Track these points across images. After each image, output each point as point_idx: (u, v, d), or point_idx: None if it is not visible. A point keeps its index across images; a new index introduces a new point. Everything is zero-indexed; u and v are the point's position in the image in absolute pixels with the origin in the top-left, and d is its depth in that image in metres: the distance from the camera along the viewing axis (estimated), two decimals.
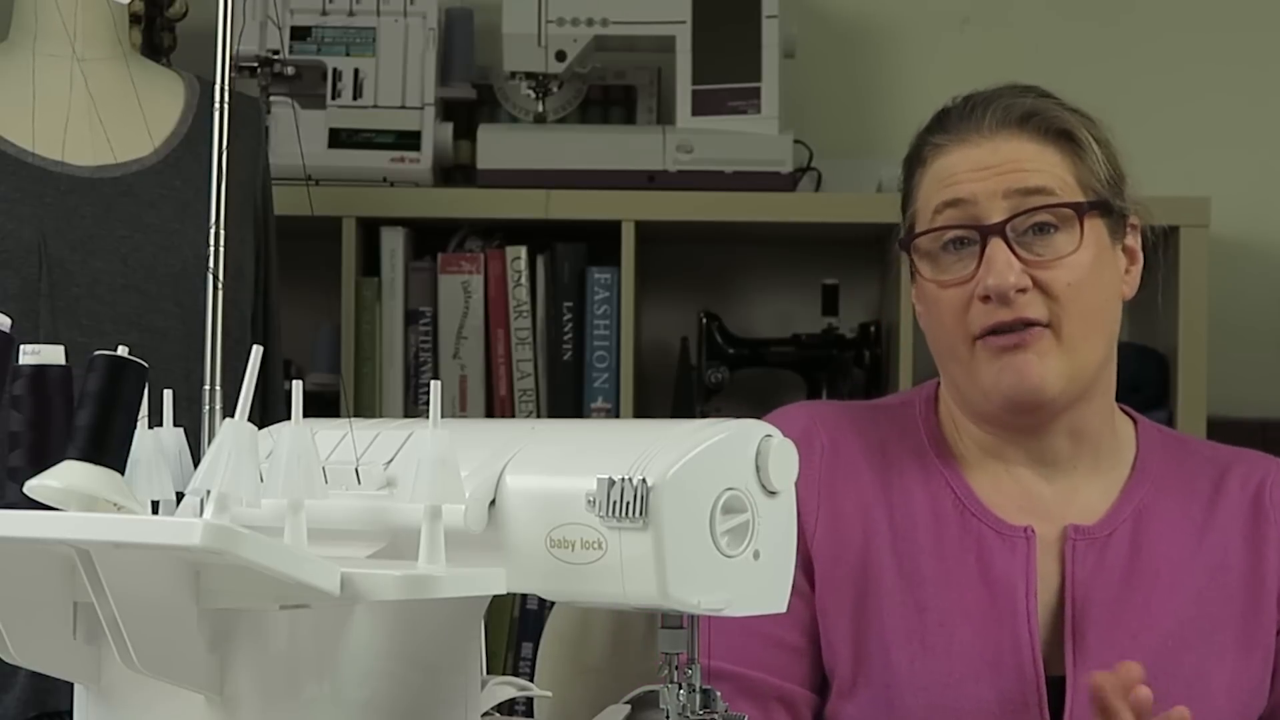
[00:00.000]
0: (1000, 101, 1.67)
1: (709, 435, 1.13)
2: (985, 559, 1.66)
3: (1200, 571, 1.66)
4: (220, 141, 1.17)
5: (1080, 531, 1.67)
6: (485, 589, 1.14)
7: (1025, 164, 1.63)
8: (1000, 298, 1.60)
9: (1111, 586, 1.65)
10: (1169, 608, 1.65)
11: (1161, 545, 1.67)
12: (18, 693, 2.08)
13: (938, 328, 1.66)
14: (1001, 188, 1.62)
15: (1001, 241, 1.60)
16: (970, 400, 1.67)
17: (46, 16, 2.20)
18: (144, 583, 1.10)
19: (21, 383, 1.17)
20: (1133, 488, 1.70)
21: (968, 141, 1.65)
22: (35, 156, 2.18)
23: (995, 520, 1.67)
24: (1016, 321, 1.60)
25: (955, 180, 1.64)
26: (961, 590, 1.65)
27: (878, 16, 3.12)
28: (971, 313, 1.62)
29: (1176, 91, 3.08)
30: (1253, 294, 3.07)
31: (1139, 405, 2.76)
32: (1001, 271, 1.59)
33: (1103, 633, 1.63)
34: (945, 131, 1.67)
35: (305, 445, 1.09)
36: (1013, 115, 1.66)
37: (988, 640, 1.63)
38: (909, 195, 1.70)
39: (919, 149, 1.69)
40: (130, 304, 2.17)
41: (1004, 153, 1.64)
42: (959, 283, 1.62)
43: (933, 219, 1.64)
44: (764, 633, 1.66)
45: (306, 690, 1.14)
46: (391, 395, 2.83)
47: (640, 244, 2.80)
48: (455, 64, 2.96)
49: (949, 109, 1.71)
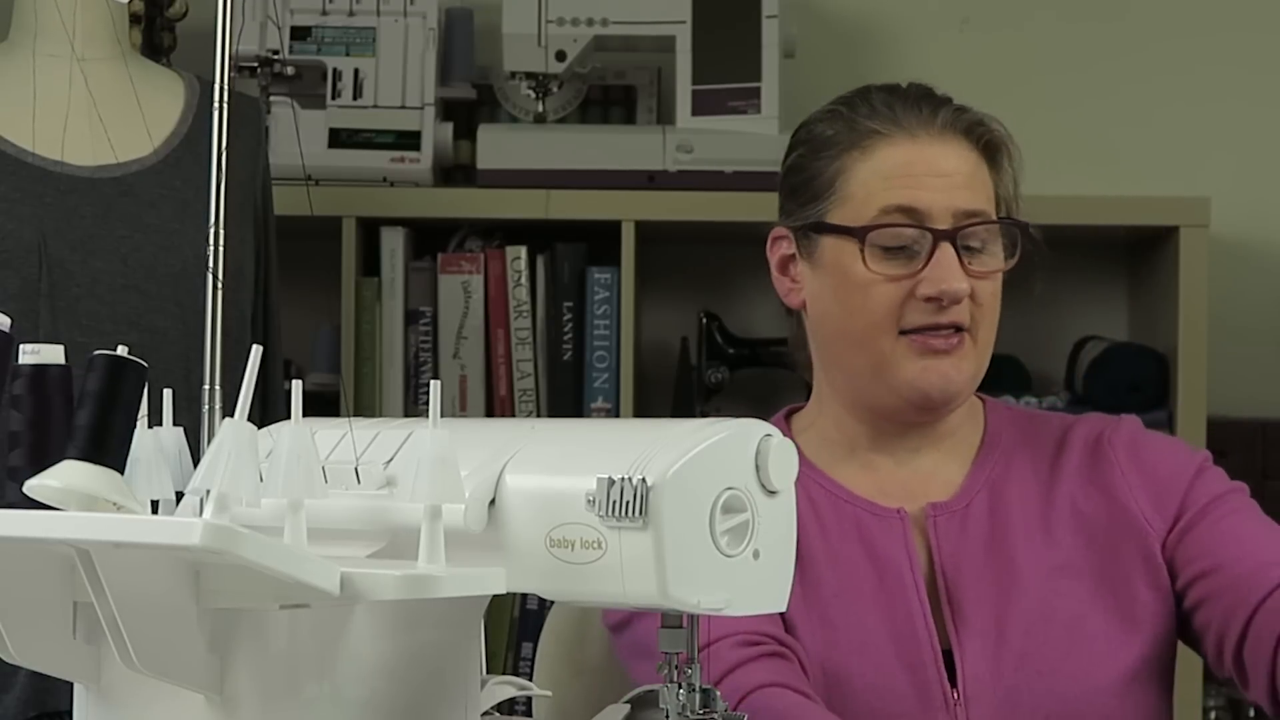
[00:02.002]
0: (945, 104, 1.71)
1: (709, 435, 1.13)
2: (867, 540, 1.71)
3: (1056, 524, 1.72)
4: (220, 141, 1.17)
5: (939, 508, 1.72)
6: (485, 589, 1.14)
7: (970, 180, 1.69)
8: (951, 301, 1.65)
9: (977, 555, 1.70)
10: (1034, 564, 1.70)
11: (1017, 507, 1.73)
12: (18, 693, 2.08)
13: (855, 316, 1.68)
14: (953, 207, 1.66)
15: (951, 247, 1.65)
16: (870, 390, 1.71)
17: (46, 16, 2.20)
18: (144, 582, 1.10)
19: (21, 382, 1.17)
20: (983, 460, 1.76)
21: (917, 139, 1.68)
22: (35, 156, 2.18)
23: (868, 504, 1.73)
24: (950, 325, 1.66)
25: (909, 184, 1.66)
26: (851, 569, 1.69)
27: (878, 16, 3.12)
28: (907, 309, 1.66)
29: (1176, 91, 3.08)
30: (1253, 294, 3.07)
31: (1139, 405, 2.78)
32: (956, 277, 1.65)
33: (977, 600, 1.68)
34: (893, 122, 1.69)
35: (305, 445, 1.09)
36: (961, 121, 1.70)
37: (882, 612, 1.68)
38: (835, 175, 1.69)
39: (855, 131, 1.69)
40: (130, 304, 2.17)
41: (952, 160, 1.68)
42: (898, 278, 1.66)
43: (878, 216, 1.66)
44: None
45: (306, 690, 1.14)
46: (391, 395, 2.83)
47: (640, 244, 2.80)
48: (455, 64, 2.96)
49: (882, 94, 1.72)
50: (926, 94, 1.72)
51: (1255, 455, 2.81)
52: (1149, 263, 2.92)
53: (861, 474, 1.75)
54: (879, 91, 1.73)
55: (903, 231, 1.66)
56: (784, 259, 1.75)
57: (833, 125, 1.72)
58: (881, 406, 1.72)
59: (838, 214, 1.69)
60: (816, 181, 1.71)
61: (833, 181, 1.70)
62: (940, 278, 1.65)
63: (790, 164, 1.77)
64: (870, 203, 1.67)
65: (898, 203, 1.66)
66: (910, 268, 1.66)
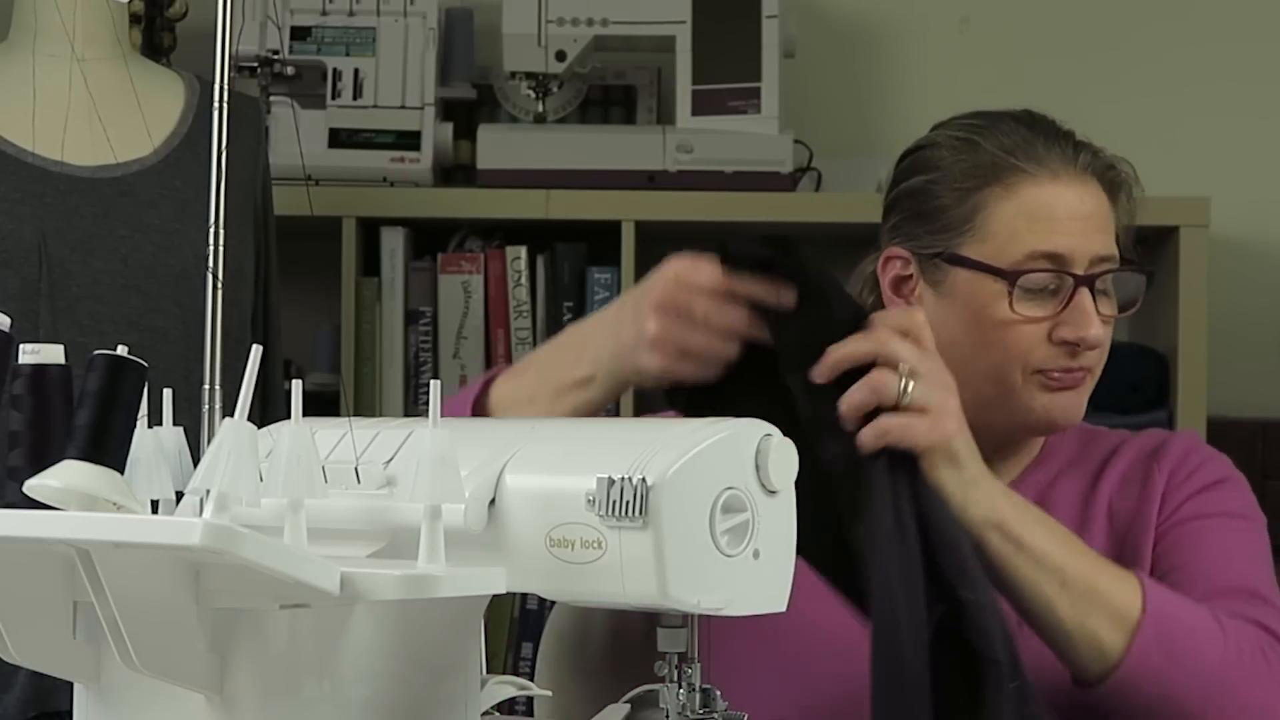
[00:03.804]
0: (1083, 146, 1.72)
1: (709, 435, 1.13)
2: None
3: (1090, 524, 1.72)
4: (220, 141, 1.17)
5: None
6: (485, 588, 1.14)
7: (1104, 224, 1.70)
8: (1088, 347, 1.67)
9: None
10: None
11: (1057, 514, 1.69)
12: (18, 693, 2.08)
13: (989, 351, 1.68)
14: (1091, 253, 1.67)
15: (1089, 293, 1.67)
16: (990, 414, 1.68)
17: (46, 16, 2.20)
18: (144, 582, 1.10)
19: (21, 382, 1.17)
20: (1034, 469, 1.76)
21: (1059, 179, 1.69)
22: (35, 156, 2.18)
23: None
24: (1081, 368, 1.68)
25: (1053, 229, 1.67)
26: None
27: (877, 16, 3.12)
28: (1044, 350, 1.67)
29: (1177, 92, 3.08)
30: (1253, 294, 3.07)
31: (1139, 405, 2.78)
32: (1094, 324, 1.66)
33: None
34: (1036, 160, 1.69)
35: (305, 445, 1.09)
36: (1099, 163, 1.72)
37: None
38: (974, 209, 1.69)
39: (997, 167, 1.69)
40: (130, 304, 2.17)
41: (1090, 203, 1.69)
42: (1037, 320, 1.66)
43: (1025, 259, 1.66)
44: None
45: (306, 690, 1.14)
46: (391, 395, 2.83)
47: (640, 244, 2.80)
48: (455, 64, 2.96)
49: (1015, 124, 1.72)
50: (1061, 131, 1.72)
51: (1255, 455, 2.81)
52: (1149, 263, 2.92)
53: None
54: (1009, 120, 1.73)
55: (1040, 276, 1.67)
56: (898, 279, 1.74)
57: (967, 155, 1.71)
58: (997, 427, 1.70)
59: (976, 249, 1.68)
60: (952, 212, 1.70)
61: (971, 215, 1.69)
62: (1080, 323, 1.66)
63: (910, 187, 1.75)
64: (1015, 243, 1.67)
65: (1044, 249, 1.66)
66: (1048, 309, 1.66)
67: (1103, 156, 1.73)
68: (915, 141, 1.79)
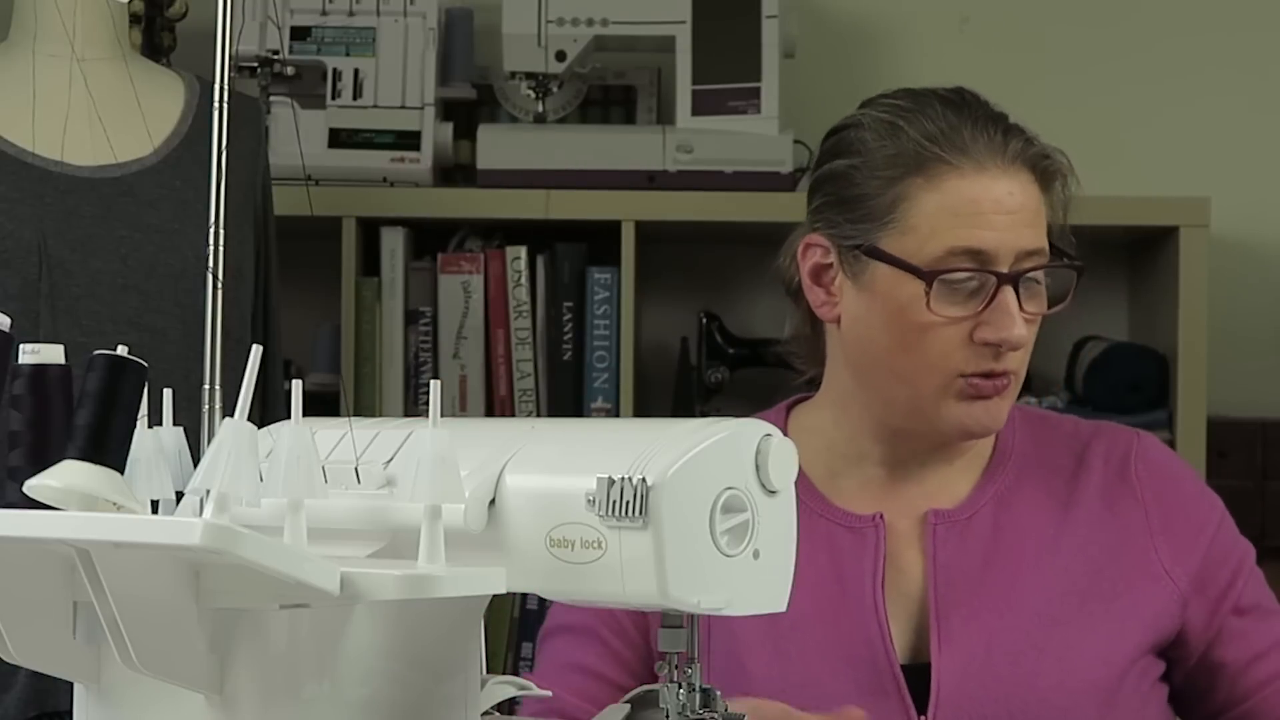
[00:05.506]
0: (1013, 132, 1.65)
1: (709, 435, 1.13)
2: (835, 557, 1.67)
3: (1066, 547, 1.68)
4: (220, 141, 1.17)
5: (940, 515, 1.69)
6: (485, 588, 1.14)
7: (1033, 217, 1.63)
8: (1010, 348, 1.61)
9: (974, 569, 1.67)
10: (1035, 585, 1.66)
11: (1025, 524, 1.69)
12: (18, 693, 2.08)
13: (908, 354, 1.63)
14: (1017, 248, 1.61)
15: (1013, 292, 1.61)
16: (904, 419, 1.67)
17: (46, 16, 2.20)
18: (144, 582, 1.10)
19: (21, 382, 1.17)
20: (993, 471, 1.72)
21: (985, 170, 1.62)
22: (35, 156, 2.18)
23: (843, 515, 1.69)
24: (1004, 373, 1.62)
25: (977, 224, 1.60)
26: (814, 592, 1.65)
27: (878, 16, 3.12)
28: (963, 354, 1.61)
29: (1176, 91, 3.08)
30: (1253, 294, 3.07)
31: (1139, 405, 2.78)
32: (1017, 325, 1.60)
33: (967, 614, 1.65)
34: (961, 151, 1.62)
35: (305, 445, 1.09)
36: (1031, 152, 1.65)
37: (842, 637, 1.64)
38: (895, 200, 1.62)
39: (920, 157, 1.62)
40: (130, 304, 2.17)
41: (1018, 197, 1.62)
42: (957, 320, 1.61)
43: (945, 256, 1.60)
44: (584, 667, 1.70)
45: (306, 690, 1.14)
46: (391, 395, 2.83)
47: (640, 244, 2.80)
48: (455, 64, 2.96)
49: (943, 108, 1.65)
50: (991, 115, 1.66)
51: (1255, 455, 2.81)
52: (1149, 263, 2.92)
53: (860, 486, 1.71)
54: (936, 103, 1.66)
55: (960, 274, 1.60)
56: (818, 268, 1.68)
57: (890, 141, 1.64)
58: (912, 432, 1.67)
59: (896, 243, 1.62)
60: (872, 202, 1.63)
61: (892, 206, 1.62)
62: (1000, 324, 1.60)
63: (833, 170, 1.68)
64: (936, 238, 1.60)
65: (965, 245, 1.60)
66: (969, 308, 1.60)
67: (1036, 144, 1.65)
68: (841, 119, 1.72)
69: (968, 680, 1.63)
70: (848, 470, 1.72)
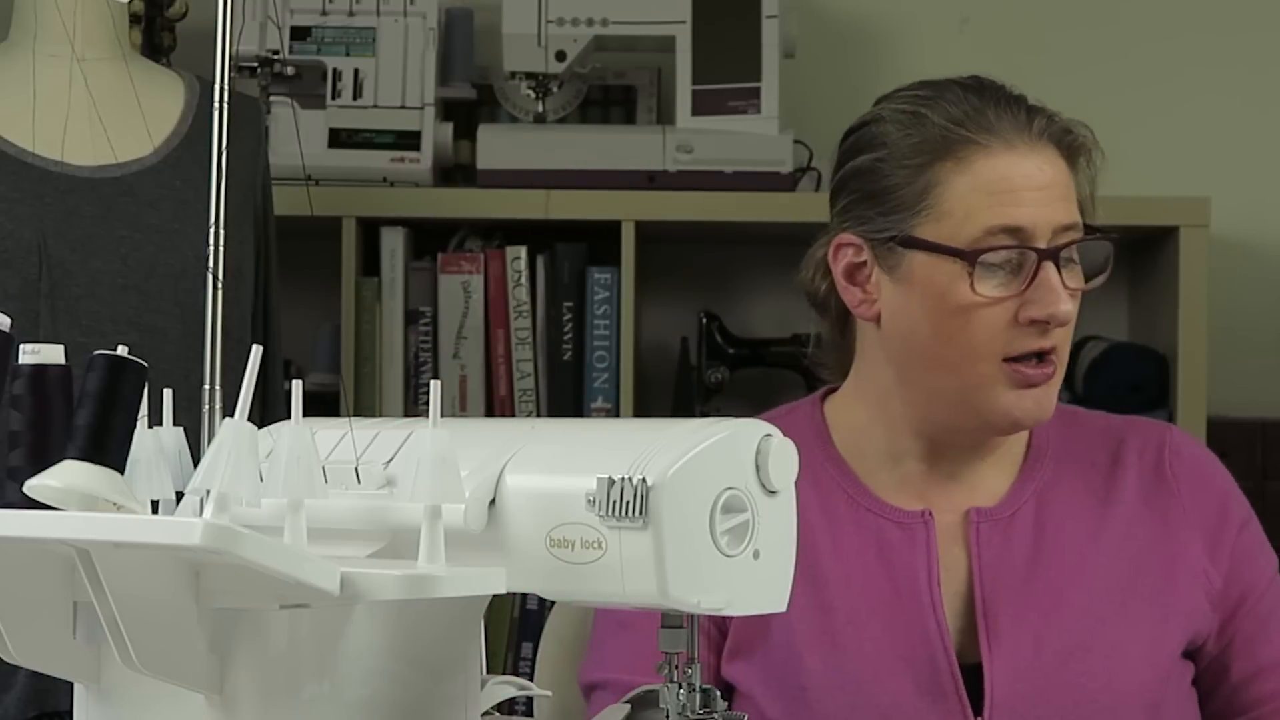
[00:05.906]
0: (1036, 111, 1.64)
1: (709, 435, 1.13)
2: (885, 553, 1.66)
3: (1107, 545, 1.67)
4: (220, 141, 1.17)
5: (982, 514, 1.67)
6: (485, 588, 1.15)
7: (1065, 191, 1.62)
8: (1058, 324, 1.59)
9: (1019, 567, 1.65)
10: (1079, 584, 1.65)
11: (1066, 523, 1.67)
12: (18, 693, 2.08)
13: (954, 340, 1.61)
14: (1053, 223, 1.60)
15: (1053, 265, 1.59)
16: (951, 412, 1.65)
17: (46, 16, 2.20)
18: (144, 583, 1.10)
19: (21, 382, 1.17)
20: (1031, 467, 1.70)
21: (1014, 148, 1.61)
22: (35, 156, 2.18)
23: (891, 510, 1.68)
24: (1050, 350, 1.60)
25: (1012, 201, 1.59)
26: (865, 587, 1.64)
27: (878, 16, 3.12)
28: (1009, 333, 1.60)
29: (1176, 92, 3.08)
30: (1253, 294, 3.07)
31: (1139, 405, 2.77)
32: (1063, 300, 1.59)
33: (1015, 614, 1.63)
34: (988, 130, 1.61)
35: (305, 445, 1.09)
36: (1055, 128, 1.63)
37: (898, 634, 1.63)
38: (926, 187, 1.61)
39: (947, 140, 1.61)
40: (130, 304, 2.17)
41: (1048, 172, 1.61)
42: (1001, 300, 1.59)
43: (984, 236, 1.59)
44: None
45: (306, 690, 1.14)
46: (391, 395, 2.83)
47: (640, 244, 2.80)
48: (455, 64, 2.96)
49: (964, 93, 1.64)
50: (1011, 96, 1.65)
51: (1255, 455, 2.81)
52: (1149, 263, 2.92)
53: (900, 481, 1.69)
54: (956, 89, 1.64)
55: (1001, 253, 1.59)
56: (851, 267, 1.66)
57: (915, 129, 1.63)
58: (958, 427, 1.66)
59: (932, 230, 1.60)
60: (903, 191, 1.62)
61: (924, 194, 1.60)
62: (1048, 300, 1.58)
63: (857, 167, 1.66)
64: (972, 220, 1.59)
65: (1003, 223, 1.58)
66: (1012, 288, 1.59)
67: (1059, 120, 1.64)
68: (859, 118, 1.71)
69: (1019, 682, 1.61)
70: (887, 466, 1.70)
